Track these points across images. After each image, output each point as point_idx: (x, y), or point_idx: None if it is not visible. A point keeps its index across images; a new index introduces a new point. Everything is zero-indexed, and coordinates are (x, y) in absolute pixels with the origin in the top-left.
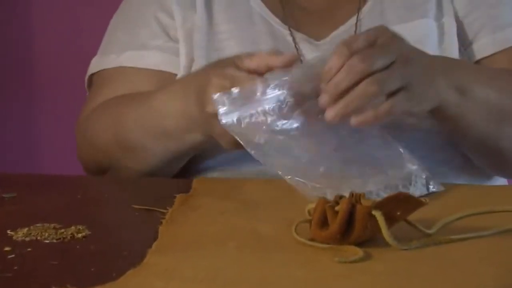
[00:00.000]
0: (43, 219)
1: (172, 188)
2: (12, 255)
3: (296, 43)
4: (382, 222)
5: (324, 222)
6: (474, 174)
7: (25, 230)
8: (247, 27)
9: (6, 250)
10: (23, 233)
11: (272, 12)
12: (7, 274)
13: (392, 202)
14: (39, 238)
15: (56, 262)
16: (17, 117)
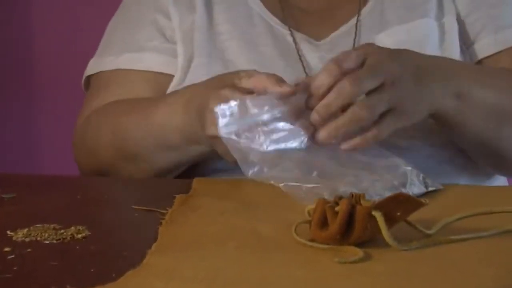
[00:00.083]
0: (43, 220)
1: (172, 189)
2: (12, 256)
3: (296, 43)
4: (382, 223)
5: (324, 223)
6: (476, 173)
7: (25, 230)
8: (247, 27)
9: (6, 251)
10: (23, 233)
11: (271, 12)
12: (6, 275)
13: (392, 203)
14: (39, 239)
15: (56, 263)
16: (17, 117)
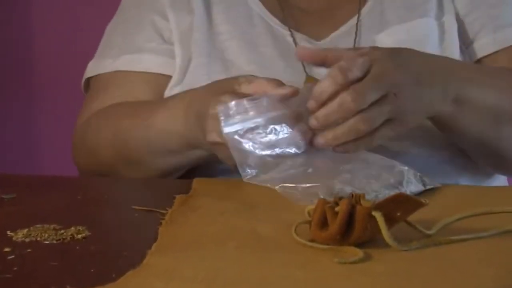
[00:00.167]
0: (43, 220)
1: (172, 189)
2: (12, 256)
3: (296, 43)
4: (382, 223)
5: (324, 223)
6: (476, 172)
7: (25, 231)
8: (247, 28)
9: (6, 251)
10: (23, 234)
11: (271, 13)
12: (6, 275)
13: (392, 203)
14: (39, 239)
15: (56, 263)
16: (17, 117)
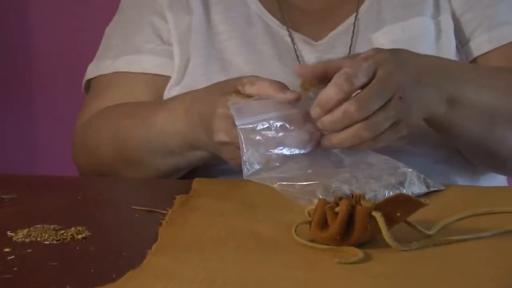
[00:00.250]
0: (43, 220)
1: (172, 189)
2: (12, 256)
3: (294, 43)
4: (382, 223)
5: (324, 223)
6: (474, 172)
7: (25, 231)
8: (245, 28)
9: (6, 251)
10: (23, 234)
11: (270, 13)
12: (7, 275)
13: (392, 203)
14: (39, 239)
15: (56, 263)
16: (17, 117)
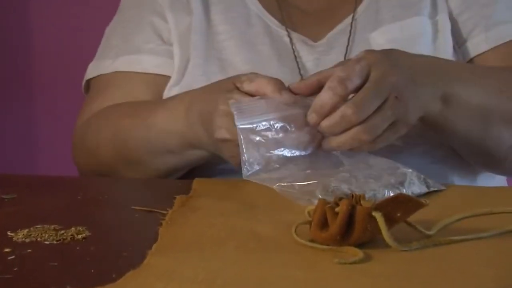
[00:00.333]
0: (43, 220)
1: (172, 189)
2: (12, 256)
3: (293, 44)
4: (382, 223)
5: (324, 223)
6: (473, 172)
7: (25, 231)
8: (245, 28)
9: (6, 251)
10: (23, 234)
11: (269, 13)
12: (7, 275)
13: (392, 203)
14: (39, 239)
15: (56, 263)
16: (17, 117)
